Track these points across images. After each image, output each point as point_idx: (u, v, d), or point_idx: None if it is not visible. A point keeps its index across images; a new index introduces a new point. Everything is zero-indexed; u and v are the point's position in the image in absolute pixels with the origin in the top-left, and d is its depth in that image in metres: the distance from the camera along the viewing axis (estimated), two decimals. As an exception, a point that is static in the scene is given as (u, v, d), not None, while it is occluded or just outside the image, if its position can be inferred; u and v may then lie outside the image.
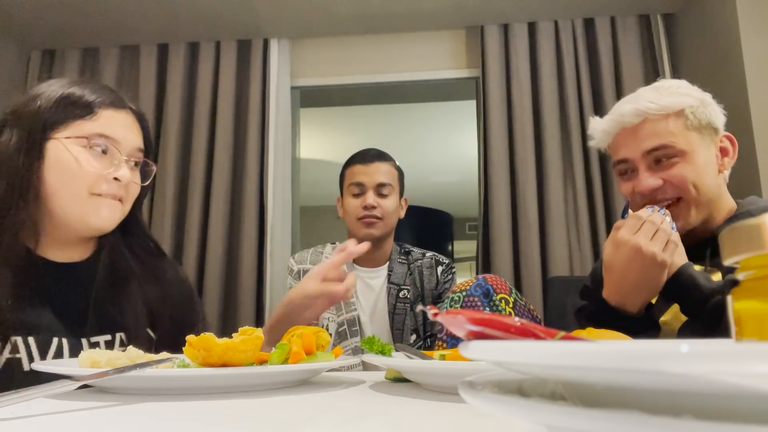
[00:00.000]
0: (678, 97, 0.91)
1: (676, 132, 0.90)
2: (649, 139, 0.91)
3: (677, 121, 0.90)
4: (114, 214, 0.88)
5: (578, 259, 2.29)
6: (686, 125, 0.90)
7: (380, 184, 1.58)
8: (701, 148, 0.91)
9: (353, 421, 0.44)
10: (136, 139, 0.91)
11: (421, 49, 2.63)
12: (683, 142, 0.90)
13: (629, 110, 0.93)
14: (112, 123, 0.87)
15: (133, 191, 0.92)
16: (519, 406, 0.21)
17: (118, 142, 0.87)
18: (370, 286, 1.61)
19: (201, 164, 2.50)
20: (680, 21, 2.43)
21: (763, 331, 0.25)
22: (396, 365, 0.64)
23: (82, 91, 0.87)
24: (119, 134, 0.88)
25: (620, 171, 0.98)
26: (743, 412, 0.18)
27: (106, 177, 0.85)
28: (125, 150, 0.88)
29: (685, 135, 0.90)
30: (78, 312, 0.86)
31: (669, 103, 0.90)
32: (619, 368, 0.18)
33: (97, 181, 0.84)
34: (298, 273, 1.63)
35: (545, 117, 2.39)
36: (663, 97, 0.91)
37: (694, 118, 0.91)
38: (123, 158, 0.87)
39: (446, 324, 0.27)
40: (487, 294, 0.99)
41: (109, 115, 0.88)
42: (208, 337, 0.61)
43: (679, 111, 0.91)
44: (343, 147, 4.90)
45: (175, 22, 2.50)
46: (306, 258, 1.65)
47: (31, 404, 0.51)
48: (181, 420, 0.45)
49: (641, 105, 0.91)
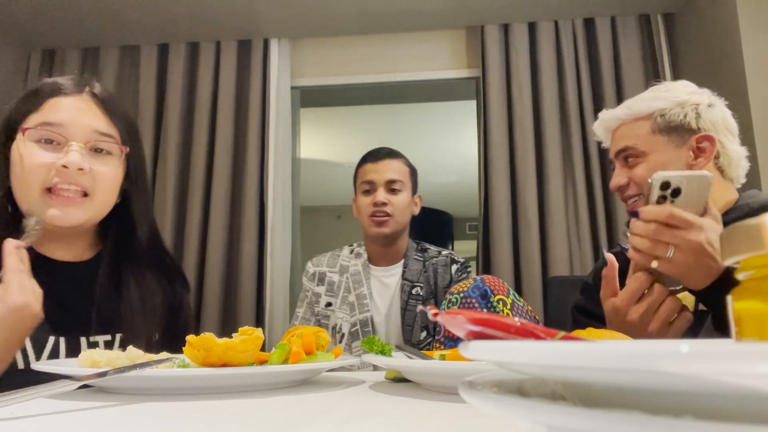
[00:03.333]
0: (650, 102, 0.99)
1: (641, 134, 0.98)
2: (619, 141, 1.02)
3: (645, 124, 0.99)
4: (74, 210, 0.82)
5: (578, 259, 2.29)
6: (652, 128, 0.98)
7: (390, 180, 1.59)
8: (664, 150, 0.97)
9: (353, 421, 0.44)
10: (91, 121, 0.84)
11: (421, 49, 2.63)
12: (644, 144, 0.98)
13: (611, 115, 1.04)
14: (57, 108, 0.82)
15: (102, 181, 0.85)
16: (519, 406, 0.21)
17: (63, 126, 0.81)
18: (386, 284, 1.62)
19: (201, 164, 2.50)
20: (680, 21, 2.43)
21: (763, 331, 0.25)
22: (396, 365, 0.64)
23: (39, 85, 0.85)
24: (64, 118, 0.81)
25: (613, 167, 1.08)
26: (743, 412, 0.18)
27: (56, 166, 0.79)
28: (74, 134, 0.82)
29: (648, 137, 0.98)
30: (78, 310, 0.85)
31: (640, 108, 1.00)
32: (619, 368, 0.18)
33: (47, 174, 0.80)
34: (314, 275, 1.66)
35: (545, 117, 2.39)
36: (637, 102, 1.01)
37: (663, 121, 0.97)
38: (69, 143, 0.81)
39: (446, 324, 0.27)
40: (484, 295, 0.99)
41: (54, 102, 0.83)
42: (208, 337, 0.61)
43: (648, 115, 0.98)
44: (343, 147, 4.90)
45: (175, 22, 2.50)
46: (323, 261, 1.67)
47: (31, 404, 0.51)
48: (181, 420, 0.45)
49: (618, 112, 1.03)
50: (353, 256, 1.66)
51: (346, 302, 1.59)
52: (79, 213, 0.83)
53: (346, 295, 1.60)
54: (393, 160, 1.62)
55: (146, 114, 2.56)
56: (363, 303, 1.57)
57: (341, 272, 1.63)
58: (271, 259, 2.43)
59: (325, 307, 1.62)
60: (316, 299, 1.63)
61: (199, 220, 2.46)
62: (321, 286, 1.64)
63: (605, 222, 2.30)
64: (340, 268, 1.64)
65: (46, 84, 0.86)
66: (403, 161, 1.65)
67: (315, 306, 1.64)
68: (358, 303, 1.57)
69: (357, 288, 1.59)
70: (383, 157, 1.63)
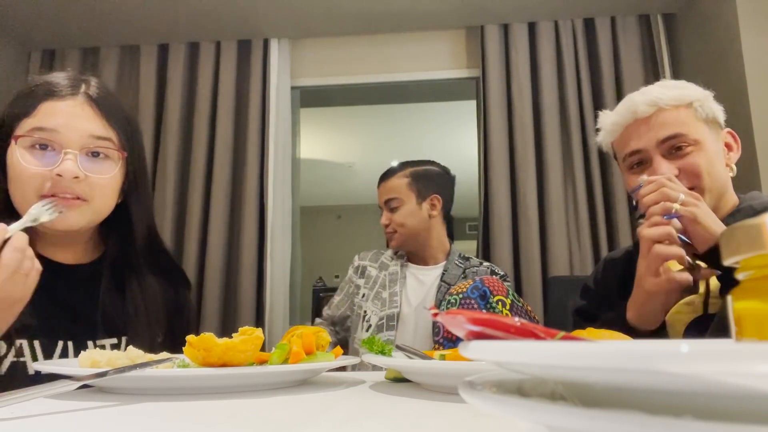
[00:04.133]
0: (686, 90, 0.94)
1: (689, 122, 0.91)
2: (664, 128, 0.91)
3: (688, 112, 0.92)
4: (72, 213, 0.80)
5: (578, 259, 2.29)
6: (696, 117, 0.92)
7: (387, 200, 1.71)
8: (711, 139, 0.93)
9: (353, 421, 0.44)
10: (86, 126, 0.82)
11: (421, 49, 2.63)
12: (696, 132, 0.91)
13: (642, 100, 0.93)
14: (51, 113, 0.80)
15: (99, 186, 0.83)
16: (519, 406, 0.21)
17: (57, 132, 0.79)
18: (421, 281, 1.69)
19: (201, 164, 2.50)
20: (680, 21, 2.43)
21: (763, 331, 0.25)
22: (396, 365, 0.64)
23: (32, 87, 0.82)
24: (58, 123, 0.79)
25: (630, 164, 0.97)
26: (743, 412, 0.18)
27: (50, 175, 0.78)
28: (68, 140, 0.80)
29: (696, 125, 0.91)
30: (85, 314, 0.85)
31: (679, 95, 0.92)
32: (619, 368, 0.18)
33: (42, 182, 0.78)
34: (357, 268, 1.77)
35: (545, 117, 2.39)
36: (672, 89, 0.93)
37: (702, 111, 0.92)
38: (63, 150, 0.79)
39: (446, 324, 0.27)
40: (484, 296, 0.99)
41: (48, 107, 0.81)
42: (208, 337, 0.61)
43: (689, 103, 0.92)
44: (343, 147, 4.90)
45: (175, 22, 2.50)
46: (367, 256, 1.79)
47: (31, 404, 0.51)
48: (181, 420, 0.45)
49: (654, 95, 0.92)
50: (396, 257, 1.76)
51: (379, 297, 1.67)
52: (78, 217, 0.82)
53: (380, 291, 1.68)
54: (389, 180, 1.73)
55: (146, 114, 2.56)
56: (393, 300, 1.64)
57: (381, 268, 1.73)
58: (271, 259, 2.43)
59: (361, 298, 1.70)
60: (357, 290, 1.73)
61: (199, 220, 2.46)
62: (361, 279, 1.74)
63: (605, 222, 2.30)
64: (381, 264, 1.74)
65: (40, 86, 0.83)
66: (400, 175, 1.73)
67: (354, 297, 1.73)
68: (390, 300, 1.64)
69: (392, 286, 1.67)
70: (381, 180, 1.75)
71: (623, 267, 1.03)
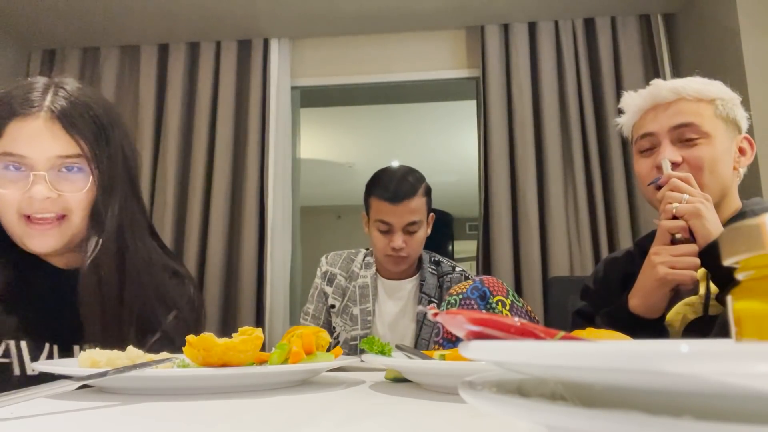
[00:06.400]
0: (712, 87, 0.95)
1: (705, 115, 0.93)
2: (679, 115, 0.93)
3: (708, 107, 0.94)
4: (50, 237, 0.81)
5: (578, 259, 2.29)
6: (715, 113, 0.94)
7: (409, 223, 1.47)
8: (723, 138, 0.94)
9: (353, 421, 0.44)
10: (51, 147, 0.80)
11: (421, 49, 2.63)
12: (709, 126, 0.92)
13: (666, 86, 0.96)
14: (17, 137, 0.79)
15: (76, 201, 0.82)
16: (519, 406, 0.21)
17: (24, 157, 0.79)
18: (396, 297, 1.57)
19: (201, 164, 2.50)
20: (680, 21, 2.43)
21: (763, 331, 0.25)
22: (396, 365, 0.64)
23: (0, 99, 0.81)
24: (23, 149, 0.79)
25: (641, 147, 0.99)
26: (743, 412, 0.18)
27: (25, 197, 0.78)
28: (36, 163, 0.79)
29: (712, 120, 0.93)
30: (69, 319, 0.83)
31: (704, 89, 0.94)
32: (619, 368, 0.18)
33: (19, 204, 0.79)
34: (325, 274, 1.62)
35: (545, 117, 2.39)
36: (698, 84, 0.95)
37: (723, 110, 0.94)
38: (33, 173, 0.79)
39: (446, 324, 0.27)
40: (483, 296, 0.99)
41: (14, 128, 0.79)
42: (208, 337, 0.61)
43: (711, 99, 0.94)
44: (343, 147, 4.90)
45: (175, 22, 2.50)
46: (337, 262, 1.63)
47: (31, 404, 0.50)
48: (181, 420, 0.45)
49: (679, 84, 0.95)
50: (364, 266, 1.60)
51: (348, 313, 1.55)
52: (56, 238, 0.81)
53: (350, 306, 1.56)
54: (412, 199, 1.47)
55: (146, 114, 2.56)
56: (366, 320, 1.53)
57: (350, 279, 1.60)
58: (271, 259, 2.43)
59: (330, 308, 1.60)
60: (324, 298, 1.61)
61: (199, 220, 2.46)
62: (329, 287, 1.61)
63: (605, 222, 2.30)
64: (351, 274, 1.60)
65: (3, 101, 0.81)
66: (420, 193, 1.50)
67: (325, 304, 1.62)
68: (362, 319, 1.53)
69: (363, 302, 1.55)
70: (402, 198, 1.46)
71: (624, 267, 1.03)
